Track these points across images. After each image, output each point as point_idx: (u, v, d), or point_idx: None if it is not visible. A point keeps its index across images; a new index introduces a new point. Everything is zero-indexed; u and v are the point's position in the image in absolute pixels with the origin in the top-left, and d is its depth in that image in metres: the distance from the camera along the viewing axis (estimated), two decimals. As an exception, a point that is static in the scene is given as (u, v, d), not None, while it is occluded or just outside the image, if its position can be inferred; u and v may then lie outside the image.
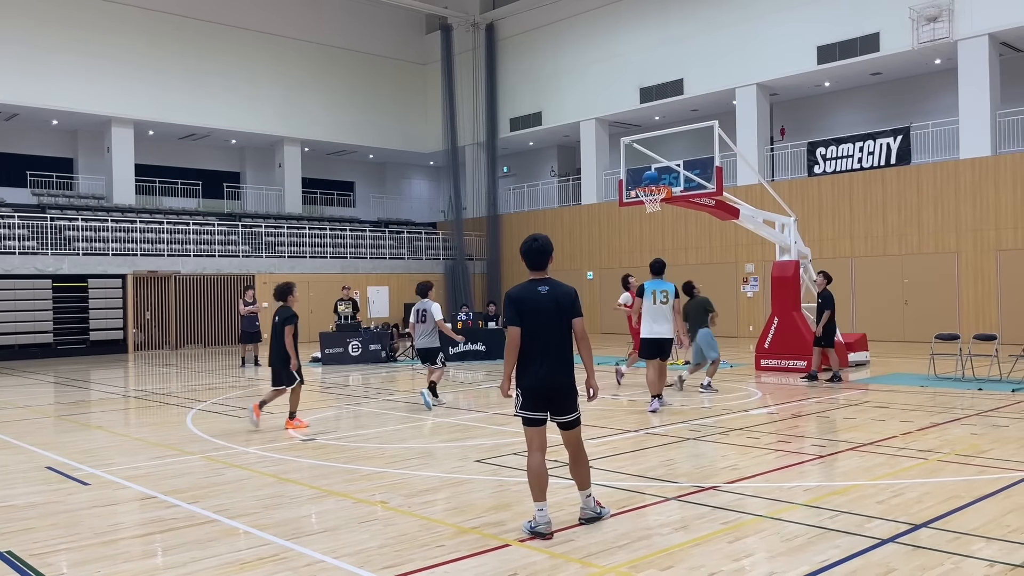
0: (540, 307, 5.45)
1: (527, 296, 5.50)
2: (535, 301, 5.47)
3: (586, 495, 5.63)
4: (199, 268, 26.02)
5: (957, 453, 7.72)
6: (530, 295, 5.50)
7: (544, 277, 5.58)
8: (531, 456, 5.42)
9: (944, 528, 5.34)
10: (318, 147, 33.91)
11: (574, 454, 5.63)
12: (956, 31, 21.17)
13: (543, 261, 5.57)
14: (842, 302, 21.42)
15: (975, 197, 20.98)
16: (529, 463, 5.41)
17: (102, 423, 10.88)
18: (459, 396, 13.20)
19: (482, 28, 32.72)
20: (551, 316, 5.46)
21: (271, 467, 7.67)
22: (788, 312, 15.33)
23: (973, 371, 13.51)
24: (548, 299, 5.48)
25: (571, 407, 5.54)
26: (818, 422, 9.90)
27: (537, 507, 5.32)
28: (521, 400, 5.46)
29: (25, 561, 5.01)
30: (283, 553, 5.08)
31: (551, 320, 5.44)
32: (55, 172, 29.08)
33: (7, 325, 22.51)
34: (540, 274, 5.58)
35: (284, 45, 31.33)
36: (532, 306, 5.45)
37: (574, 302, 5.56)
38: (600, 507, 5.72)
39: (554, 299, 5.49)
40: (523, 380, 5.46)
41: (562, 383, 5.48)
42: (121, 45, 27.45)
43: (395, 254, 31.59)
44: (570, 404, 5.53)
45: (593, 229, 29.55)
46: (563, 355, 5.48)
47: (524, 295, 5.51)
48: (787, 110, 27.46)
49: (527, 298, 5.49)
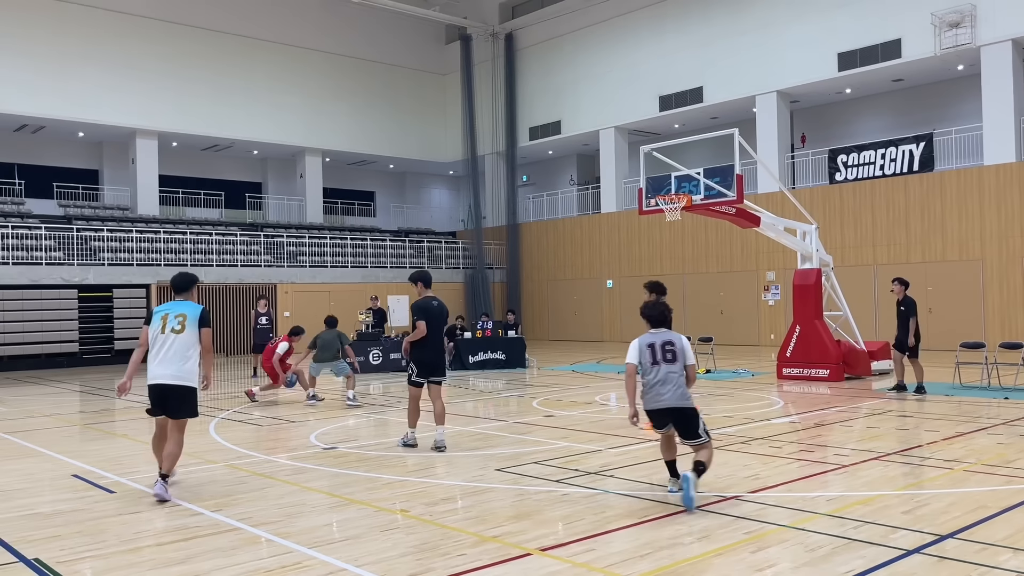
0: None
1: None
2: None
3: (441, 431, 8.85)
4: (222, 278, 26.25)
5: (983, 463, 7.62)
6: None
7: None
8: (413, 402, 8.99)
9: (971, 539, 5.27)
10: (339, 157, 34.15)
11: (441, 403, 8.99)
12: (979, 37, 20.99)
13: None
14: (865, 310, 21.30)
15: (1000, 204, 20.75)
16: (412, 406, 8.99)
17: (127, 431, 10.99)
18: (479, 405, 13.20)
19: (501, 38, 32.85)
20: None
21: (293, 476, 7.72)
22: (810, 320, 15.21)
23: (999, 380, 13.34)
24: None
25: (444, 372, 9.01)
26: (841, 431, 9.81)
27: (411, 430, 9.00)
28: (416, 371, 8.82)
29: (52, 568, 5.08)
30: (306, 561, 5.11)
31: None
32: (81, 183, 29.49)
33: (34, 335, 22.82)
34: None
35: (305, 56, 31.62)
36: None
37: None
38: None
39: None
40: (420, 360, 8.79)
41: (442, 360, 8.98)
42: (145, 58, 27.84)
43: (415, 263, 31.69)
44: (444, 371, 9.01)
45: (613, 238, 29.51)
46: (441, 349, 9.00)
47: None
48: (808, 117, 27.32)
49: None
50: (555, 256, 31.73)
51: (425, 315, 8.76)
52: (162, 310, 7.15)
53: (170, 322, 7.01)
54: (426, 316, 8.75)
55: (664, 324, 6.67)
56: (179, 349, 6.93)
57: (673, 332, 6.68)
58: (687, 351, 6.59)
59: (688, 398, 6.46)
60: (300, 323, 13.89)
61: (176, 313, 7.03)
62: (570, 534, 5.56)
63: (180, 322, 6.95)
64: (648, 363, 6.51)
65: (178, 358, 6.91)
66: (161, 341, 6.98)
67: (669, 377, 6.44)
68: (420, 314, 8.78)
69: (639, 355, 6.55)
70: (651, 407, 6.52)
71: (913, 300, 12.96)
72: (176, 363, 6.91)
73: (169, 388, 6.90)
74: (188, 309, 7.10)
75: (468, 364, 18.99)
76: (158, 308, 7.23)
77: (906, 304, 12.90)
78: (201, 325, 7.06)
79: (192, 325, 7.01)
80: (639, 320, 6.90)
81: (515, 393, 14.60)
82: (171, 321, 7.01)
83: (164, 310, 7.14)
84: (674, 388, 6.42)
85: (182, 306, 7.13)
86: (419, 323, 8.74)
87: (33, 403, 14.57)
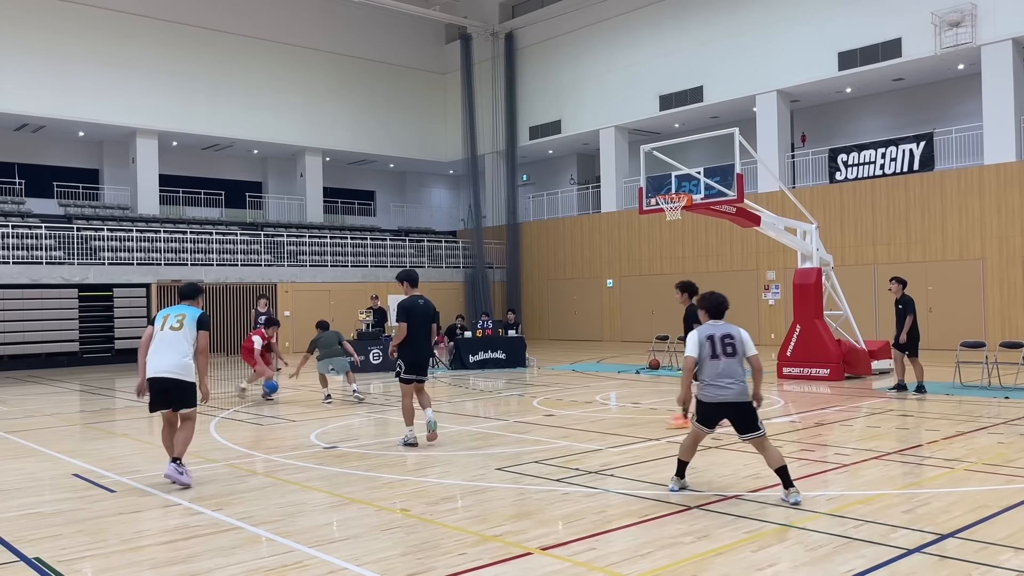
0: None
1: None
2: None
3: (428, 412, 9.07)
4: (222, 277, 26.25)
5: (984, 462, 7.62)
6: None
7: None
8: (406, 399, 9.07)
9: (971, 538, 5.27)
10: (339, 157, 34.15)
11: (426, 394, 9.21)
12: (979, 36, 20.99)
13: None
14: (866, 309, 21.29)
15: (1000, 203, 20.75)
16: (406, 404, 9.06)
17: (127, 431, 10.99)
18: (480, 404, 13.20)
19: (501, 37, 32.85)
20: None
21: (294, 475, 7.72)
22: (810, 320, 15.22)
23: (1000, 379, 13.35)
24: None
25: (426, 372, 9.17)
26: (841, 431, 9.81)
27: (409, 429, 8.98)
28: (404, 368, 8.98)
29: (53, 567, 5.08)
30: (306, 560, 5.11)
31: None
32: (81, 183, 29.50)
33: (35, 334, 22.83)
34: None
35: (305, 56, 31.62)
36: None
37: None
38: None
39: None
40: (409, 359, 8.97)
41: (428, 360, 9.19)
42: (145, 57, 27.84)
43: (415, 263, 31.68)
44: (426, 371, 9.17)
45: (613, 237, 29.51)
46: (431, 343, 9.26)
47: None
48: (808, 116, 27.32)
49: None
50: (555, 255, 31.72)
51: (408, 315, 8.96)
52: (165, 311, 7.50)
53: (170, 321, 7.36)
54: (408, 316, 8.95)
55: (722, 316, 6.57)
56: (174, 343, 7.23)
57: (732, 325, 6.54)
58: (747, 343, 6.47)
59: (748, 392, 6.37)
60: (300, 322, 13.88)
61: (177, 314, 7.40)
62: (570, 533, 5.57)
63: (179, 320, 7.30)
64: (707, 356, 6.36)
65: (174, 351, 7.20)
66: (160, 337, 7.31)
67: (732, 371, 6.33)
68: (403, 314, 8.98)
69: (699, 348, 6.42)
70: (712, 400, 6.34)
71: (911, 299, 12.97)
72: (172, 356, 7.18)
73: (169, 382, 7.17)
74: (189, 311, 7.44)
75: (468, 363, 19.00)
76: (163, 311, 7.55)
77: (904, 303, 12.91)
78: (200, 327, 7.34)
79: (190, 323, 7.32)
80: (640, 319, 6.92)
81: (515, 392, 14.61)
82: (171, 320, 7.37)
83: (167, 311, 7.52)
84: (737, 382, 6.33)
85: (184, 308, 7.49)
86: (400, 324, 8.96)
87: (34, 402, 14.57)
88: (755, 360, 6.51)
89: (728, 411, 6.36)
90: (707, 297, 6.68)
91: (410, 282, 9.22)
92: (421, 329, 9.00)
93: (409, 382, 9.03)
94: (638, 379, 16.29)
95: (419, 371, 9.03)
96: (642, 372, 17.45)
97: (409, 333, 8.93)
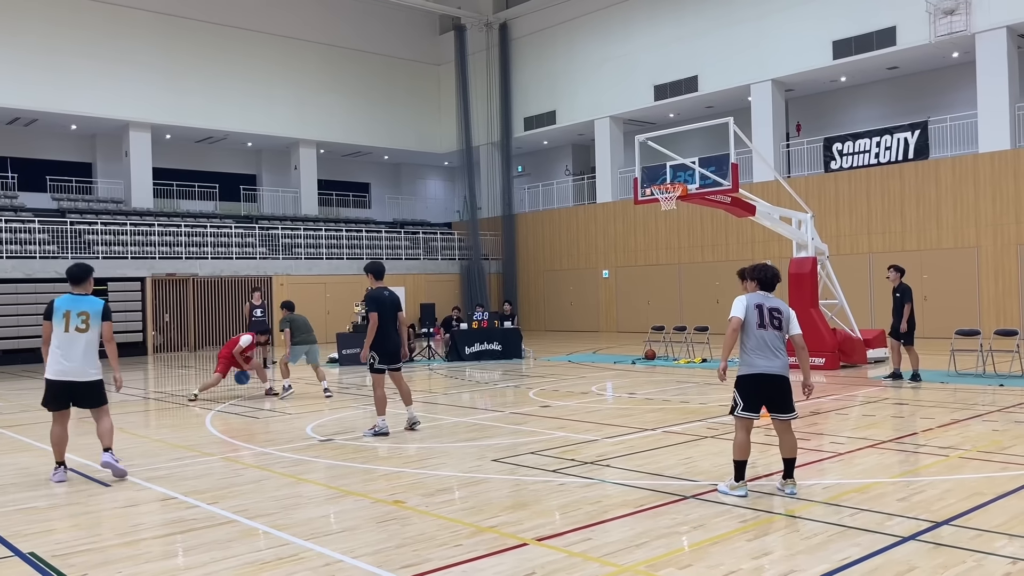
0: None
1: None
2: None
3: (411, 410, 9.46)
4: (217, 270, 26.19)
5: (979, 450, 7.64)
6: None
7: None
8: (379, 389, 9.20)
9: (966, 525, 5.29)
10: (333, 149, 34.05)
11: (405, 385, 9.49)
12: (973, 24, 20.96)
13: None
14: (861, 298, 21.32)
15: (995, 191, 20.77)
16: (379, 393, 9.21)
17: (122, 424, 10.96)
18: (476, 396, 13.20)
19: (495, 28, 32.73)
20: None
21: (289, 468, 7.71)
22: (806, 309, 15.21)
23: (994, 367, 13.38)
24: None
25: (400, 360, 9.39)
26: (837, 419, 9.83)
27: (380, 418, 9.17)
28: (377, 359, 9.11)
29: (48, 562, 5.07)
30: (302, 553, 5.11)
31: None
32: (74, 177, 29.37)
33: (28, 328, 22.74)
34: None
35: (299, 47, 31.48)
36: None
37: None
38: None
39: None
40: (381, 349, 9.13)
41: (399, 348, 9.34)
42: (138, 50, 27.70)
43: (411, 255, 31.66)
44: (399, 358, 9.39)
45: (608, 228, 29.49)
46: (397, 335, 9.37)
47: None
48: (803, 106, 27.29)
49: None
50: (551, 246, 31.70)
51: (377, 305, 9.14)
52: (62, 306, 7.22)
53: (73, 321, 7.16)
54: (378, 307, 9.12)
55: (772, 288, 6.35)
56: (84, 347, 7.18)
57: (780, 300, 6.35)
58: (794, 320, 6.29)
59: (788, 370, 6.21)
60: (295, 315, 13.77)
61: (78, 311, 7.19)
62: (567, 524, 5.57)
63: (84, 320, 7.16)
64: (754, 324, 6.12)
65: (83, 355, 7.18)
66: (68, 341, 7.16)
67: (777, 343, 6.15)
68: (372, 305, 9.16)
69: (746, 312, 6.18)
70: (760, 371, 6.11)
71: (908, 287, 12.99)
72: (82, 360, 7.18)
73: (81, 386, 7.22)
74: (89, 306, 7.25)
75: (464, 355, 18.99)
76: (58, 303, 7.26)
77: (901, 291, 12.92)
78: (104, 319, 7.29)
79: (95, 321, 7.24)
80: (636, 309, 6.91)
81: (511, 384, 14.61)
82: (74, 320, 7.16)
83: (65, 307, 7.22)
84: (783, 355, 6.18)
85: (82, 302, 7.26)
86: (371, 314, 9.11)
87: (28, 397, 14.53)
88: (800, 339, 6.28)
89: (772, 384, 6.15)
90: (760, 268, 6.44)
91: (375, 275, 9.38)
92: (388, 320, 9.20)
93: (382, 372, 9.22)
94: (634, 369, 16.30)
95: (392, 359, 9.26)
96: (638, 363, 17.47)
97: (378, 324, 9.15)
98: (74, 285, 7.33)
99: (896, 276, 13.09)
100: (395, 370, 9.38)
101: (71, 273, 7.36)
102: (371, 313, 9.11)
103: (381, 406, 9.24)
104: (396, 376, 9.43)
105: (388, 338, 9.22)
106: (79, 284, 7.33)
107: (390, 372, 9.35)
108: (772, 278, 6.34)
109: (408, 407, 9.48)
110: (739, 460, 6.16)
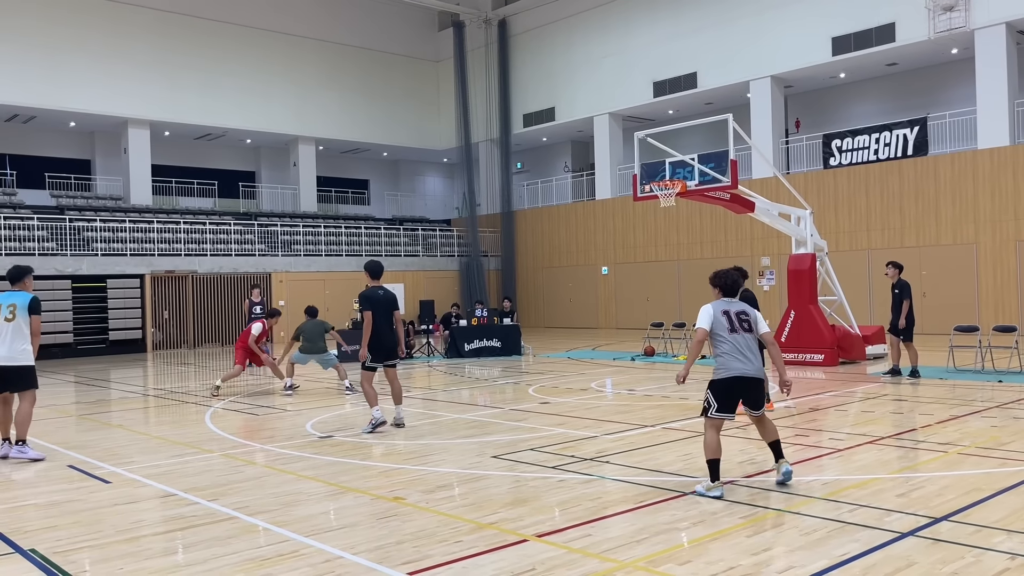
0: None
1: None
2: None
3: (400, 409, 9.60)
4: (216, 267, 26.18)
5: (977, 446, 7.66)
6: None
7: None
8: (368, 385, 9.33)
9: (965, 521, 5.30)
10: (332, 146, 34.02)
11: (398, 384, 9.65)
12: (973, 20, 20.95)
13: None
14: (860, 295, 21.33)
15: (994, 187, 20.77)
16: (368, 388, 9.33)
17: (122, 422, 10.98)
18: (475, 392, 13.22)
19: (494, 24, 32.69)
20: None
21: (289, 464, 7.72)
22: (805, 305, 15.25)
23: (993, 363, 13.39)
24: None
25: (396, 356, 9.48)
26: (836, 416, 9.85)
27: (374, 409, 9.27)
28: (371, 357, 9.24)
29: (49, 559, 5.08)
30: (302, 549, 5.12)
31: None
32: (73, 174, 29.34)
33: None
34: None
35: (297, 44, 31.44)
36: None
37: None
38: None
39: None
40: (376, 347, 9.21)
41: (395, 345, 9.43)
42: (136, 47, 27.66)
43: (410, 251, 31.66)
44: (396, 355, 9.47)
45: (607, 224, 29.49)
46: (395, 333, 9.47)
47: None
48: (802, 102, 27.28)
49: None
50: (550, 243, 31.70)
51: (371, 304, 9.26)
52: None
53: (3, 312, 8.03)
54: (372, 305, 9.24)
55: (735, 294, 6.50)
56: (11, 334, 8.00)
57: (742, 303, 6.49)
58: (761, 321, 6.47)
59: (763, 371, 6.38)
60: (294, 312, 13.82)
61: (7, 304, 8.06)
62: (567, 520, 5.58)
63: (11, 311, 8.01)
64: (726, 330, 6.26)
65: (9, 341, 7.98)
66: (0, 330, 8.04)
67: (752, 346, 6.29)
68: (366, 304, 9.29)
69: (713, 321, 6.31)
70: (735, 375, 6.21)
71: (907, 283, 13.00)
72: (9, 345, 7.97)
73: (9, 370, 7.99)
74: (18, 299, 8.10)
75: (464, 352, 19.00)
76: None
77: (900, 287, 12.93)
78: (31, 312, 8.07)
79: (22, 312, 8.03)
80: (635, 306, 6.91)
81: (511, 380, 14.62)
82: (3, 311, 8.03)
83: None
84: (756, 358, 6.32)
85: (13, 296, 8.12)
86: (365, 313, 9.24)
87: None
88: (769, 336, 6.43)
89: (747, 386, 6.27)
90: (721, 275, 6.59)
91: (371, 274, 9.49)
92: (384, 318, 9.31)
93: (373, 369, 9.35)
94: (633, 366, 16.32)
95: (386, 356, 9.36)
96: (637, 359, 17.48)
97: (372, 322, 9.25)
98: (12, 284, 8.26)
99: (895, 272, 13.10)
100: (390, 367, 9.47)
101: (9, 274, 8.33)
102: (365, 312, 9.26)
103: (372, 399, 9.36)
104: (391, 373, 9.52)
105: (383, 336, 9.30)
106: (16, 283, 8.25)
107: (385, 369, 9.44)
108: (733, 284, 6.48)
109: (397, 406, 9.60)
110: (712, 460, 6.21)
